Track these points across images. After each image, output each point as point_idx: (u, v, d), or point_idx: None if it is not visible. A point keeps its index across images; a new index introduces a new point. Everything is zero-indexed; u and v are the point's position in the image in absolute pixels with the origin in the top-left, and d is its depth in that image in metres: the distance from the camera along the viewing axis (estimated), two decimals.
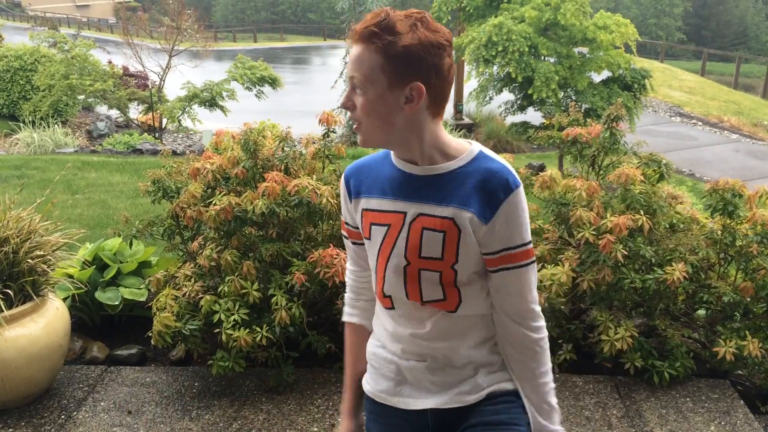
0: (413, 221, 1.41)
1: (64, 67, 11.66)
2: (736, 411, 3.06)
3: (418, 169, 1.41)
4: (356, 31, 1.33)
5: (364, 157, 1.55)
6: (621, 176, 3.24)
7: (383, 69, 1.31)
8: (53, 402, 3.09)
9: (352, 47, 1.36)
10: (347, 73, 1.37)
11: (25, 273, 2.97)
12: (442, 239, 1.39)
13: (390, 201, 1.44)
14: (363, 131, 1.39)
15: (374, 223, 1.46)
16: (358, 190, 1.50)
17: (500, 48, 10.96)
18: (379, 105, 1.34)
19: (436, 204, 1.39)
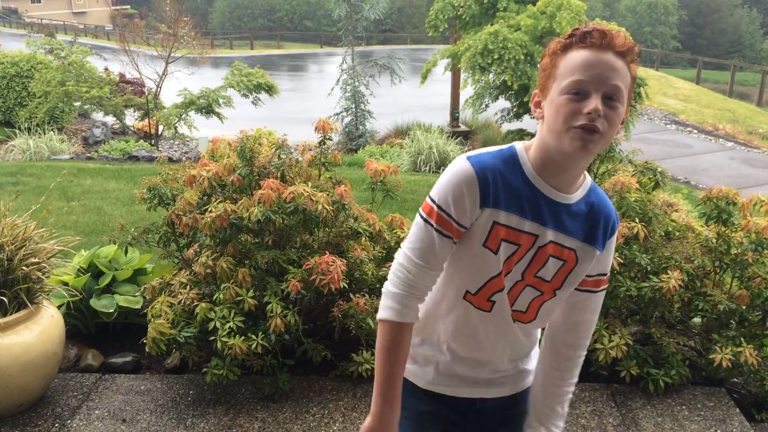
0: (543, 246, 1.44)
1: (61, 74, 11.66)
2: (732, 419, 3.06)
3: (557, 196, 1.42)
4: (614, 44, 1.31)
5: (489, 153, 1.44)
6: (617, 184, 3.25)
7: (629, 87, 1.35)
8: (47, 410, 3.08)
9: (604, 55, 1.31)
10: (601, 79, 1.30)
11: (19, 280, 2.96)
12: (560, 266, 1.47)
13: (528, 222, 1.42)
14: (601, 142, 1.33)
15: (505, 239, 1.43)
16: (497, 200, 1.40)
17: (496, 56, 10.99)
18: (621, 119, 1.35)
19: (566, 234, 1.45)
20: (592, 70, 1.29)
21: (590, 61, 1.30)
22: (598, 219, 1.47)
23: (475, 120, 14.47)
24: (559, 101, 1.31)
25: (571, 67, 1.31)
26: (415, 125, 13.45)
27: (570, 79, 1.30)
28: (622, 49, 1.31)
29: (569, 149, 1.31)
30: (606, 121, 1.30)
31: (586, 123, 1.28)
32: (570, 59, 1.32)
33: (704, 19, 52.80)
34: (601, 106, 1.28)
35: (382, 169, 3.41)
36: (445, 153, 11.03)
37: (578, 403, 3.16)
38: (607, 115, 1.30)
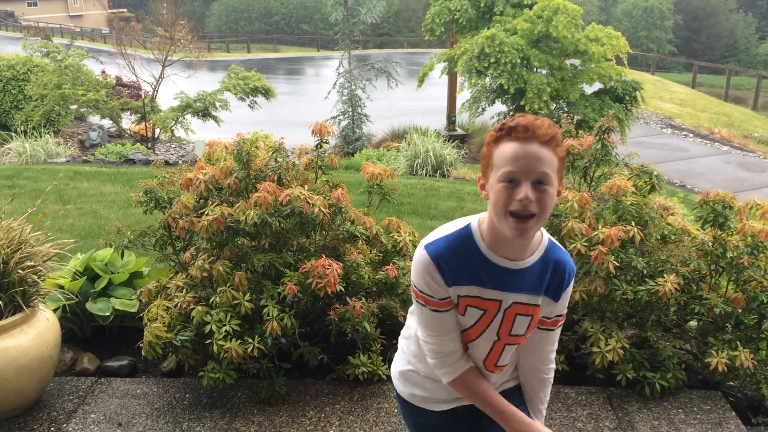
0: (508, 308, 1.65)
1: (57, 77, 11.65)
2: (728, 422, 3.07)
3: (513, 264, 1.61)
4: (537, 135, 1.48)
5: (444, 237, 1.63)
6: (613, 188, 3.25)
7: (557, 168, 1.51)
8: (43, 414, 3.06)
9: (530, 147, 1.47)
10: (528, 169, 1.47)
11: (15, 283, 2.95)
12: (529, 321, 1.68)
13: (488, 290, 1.63)
14: (537, 225, 1.50)
15: (471, 305, 1.65)
16: (456, 278, 1.61)
17: (492, 60, 11.02)
18: (554, 199, 1.52)
19: (528, 294, 1.64)
20: (520, 162, 1.47)
21: (518, 154, 1.47)
22: (555, 275, 1.66)
23: (471, 123, 14.49)
24: (497, 189, 1.50)
25: (503, 159, 1.49)
26: (412, 129, 13.45)
27: (503, 170, 1.49)
28: (545, 138, 1.48)
29: (509, 234, 1.51)
30: (538, 204, 1.48)
31: (519, 210, 1.47)
32: (501, 151, 1.50)
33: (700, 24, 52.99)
34: (531, 193, 1.47)
35: (378, 172, 3.41)
36: (441, 156, 11.03)
37: (575, 406, 3.16)
38: (539, 198, 1.48)
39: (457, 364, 1.73)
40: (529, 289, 1.64)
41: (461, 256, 1.61)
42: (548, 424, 3.01)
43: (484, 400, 1.75)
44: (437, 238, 1.64)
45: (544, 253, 1.65)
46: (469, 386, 1.75)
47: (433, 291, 1.64)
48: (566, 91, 11.17)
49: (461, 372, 1.73)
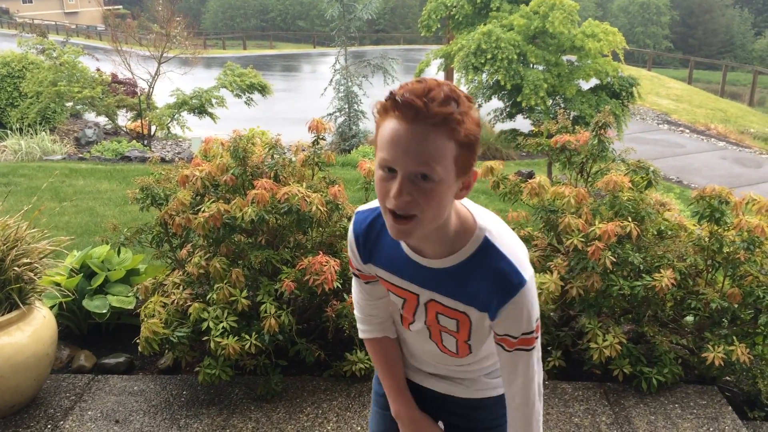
0: (427, 303, 1.45)
1: (53, 74, 11.60)
2: (725, 417, 3.08)
3: (427, 262, 1.37)
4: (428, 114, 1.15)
5: (372, 210, 1.45)
6: (609, 183, 3.26)
7: (456, 156, 1.19)
8: (40, 411, 3.06)
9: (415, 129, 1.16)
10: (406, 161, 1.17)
11: (11, 281, 2.95)
12: (456, 324, 1.45)
13: (403, 280, 1.45)
14: (419, 228, 1.23)
15: (391, 290, 1.52)
16: (370, 256, 1.48)
17: (489, 56, 11.00)
18: (445, 196, 1.22)
19: (447, 296, 1.39)
20: (398, 149, 1.17)
21: (395, 139, 1.17)
22: (490, 288, 1.33)
23: None
24: (377, 175, 1.23)
25: (382, 141, 1.20)
26: None
27: (380, 155, 1.21)
28: (437, 119, 1.15)
29: (392, 236, 1.27)
30: (420, 204, 1.19)
31: (394, 209, 1.20)
32: (384, 130, 1.20)
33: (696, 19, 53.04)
34: (407, 192, 1.18)
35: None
36: None
37: (571, 401, 3.17)
38: (419, 198, 1.18)
39: (374, 327, 1.65)
40: (450, 292, 1.38)
41: (379, 236, 1.43)
42: (545, 420, 3.01)
43: (384, 372, 1.67)
44: (368, 207, 1.47)
45: (473, 256, 1.33)
46: (377, 351, 1.67)
47: (353, 258, 1.54)
48: (563, 87, 11.17)
49: (375, 336, 1.66)
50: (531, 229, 3.56)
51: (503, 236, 1.35)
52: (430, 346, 1.58)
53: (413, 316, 1.51)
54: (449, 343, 1.53)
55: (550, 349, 3.38)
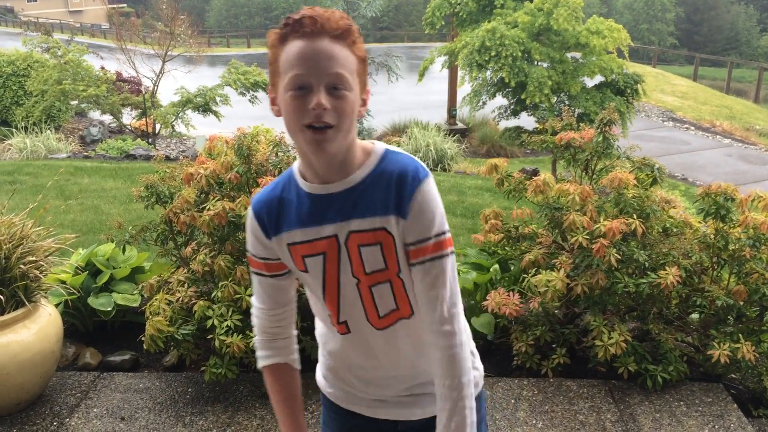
0: (347, 241, 1.35)
1: (57, 73, 11.63)
2: (730, 415, 3.07)
3: (333, 187, 1.34)
4: (327, 28, 1.23)
5: (264, 189, 1.44)
6: (614, 180, 3.25)
7: (357, 70, 1.28)
8: (45, 408, 3.07)
9: (319, 43, 1.23)
10: (319, 71, 1.23)
11: (17, 279, 2.96)
12: (380, 251, 1.34)
13: (315, 229, 1.36)
14: (339, 135, 1.26)
15: (306, 255, 1.39)
16: (277, 226, 1.40)
17: (493, 53, 10.99)
18: (355, 107, 1.28)
19: (361, 218, 1.33)
20: (309, 62, 1.22)
21: (305, 53, 1.22)
22: (397, 187, 1.32)
23: (472, 117, 14.47)
24: (286, 99, 1.25)
25: (289, 61, 1.24)
26: (413, 123, 13.45)
27: (289, 74, 1.24)
28: (337, 32, 1.23)
29: (307, 151, 1.28)
30: (336, 113, 1.24)
31: (312, 121, 1.23)
32: (287, 52, 1.24)
33: (701, 16, 52.86)
34: (326, 100, 1.22)
35: None
36: (442, 150, 11.03)
37: (576, 399, 3.17)
38: (336, 106, 1.24)
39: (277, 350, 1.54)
40: (362, 211, 1.33)
41: (283, 200, 1.39)
42: (550, 417, 3.01)
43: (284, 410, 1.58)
44: (267, 188, 1.45)
45: (376, 167, 1.34)
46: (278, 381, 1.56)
47: (255, 248, 1.44)
48: (567, 84, 11.15)
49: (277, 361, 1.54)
50: (535, 227, 3.55)
51: (399, 150, 1.38)
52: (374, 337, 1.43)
53: (338, 275, 1.38)
54: (386, 299, 1.39)
55: (555, 347, 3.37)
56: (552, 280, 3.09)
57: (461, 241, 5.52)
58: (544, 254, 3.34)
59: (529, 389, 3.23)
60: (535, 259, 3.29)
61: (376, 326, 1.42)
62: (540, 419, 3.01)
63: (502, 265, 3.80)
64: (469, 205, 7.02)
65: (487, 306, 3.26)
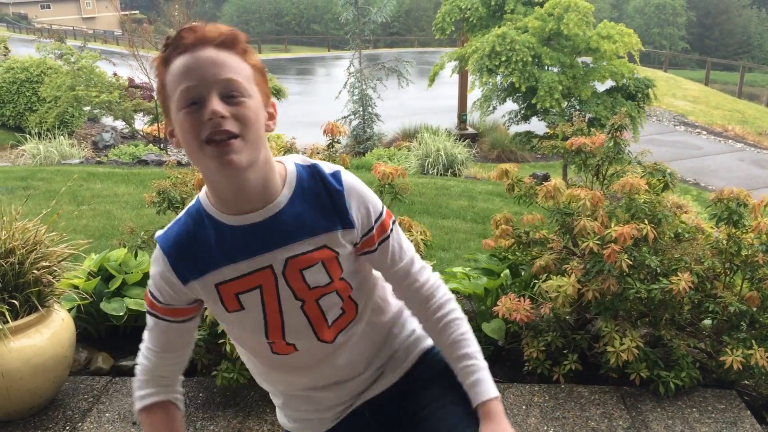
0: (285, 269, 1.27)
1: (71, 79, 11.75)
2: (743, 421, 3.05)
3: (257, 215, 1.24)
4: (208, 38, 1.15)
5: (176, 221, 1.31)
6: (625, 186, 3.24)
7: (255, 80, 1.19)
8: (58, 413, 3.09)
9: (203, 53, 1.14)
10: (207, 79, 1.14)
11: (30, 284, 2.98)
12: (323, 268, 1.29)
13: (245, 263, 1.26)
14: (247, 146, 1.14)
15: (240, 292, 1.28)
16: (197, 268, 1.27)
17: (504, 58, 10.99)
18: (259, 115, 1.18)
19: (298, 241, 1.26)
20: (195, 73, 1.13)
21: (190, 65, 1.14)
22: (318, 200, 1.27)
23: (482, 122, 14.48)
24: (180, 119, 1.14)
25: (175, 79, 1.15)
26: (423, 128, 13.47)
27: (178, 91, 1.14)
28: (220, 39, 1.15)
29: (215, 169, 1.15)
30: (237, 120, 1.13)
31: (212, 132, 1.11)
32: (172, 71, 1.15)
33: (713, 20, 52.61)
34: (221, 106, 1.12)
35: (390, 171, 3.41)
36: (452, 156, 11.03)
37: (588, 405, 3.15)
38: (236, 114, 1.13)
39: (161, 389, 1.43)
40: (299, 234, 1.25)
41: (198, 238, 1.26)
42: (561, 423, 3.00)
43: None
44: (169, 226, 1.31)
45: (297, 185, 1.26)
46: (162, 421, 1.42)
47: (162, 293, 1.31)
48: (578, 89, 11.13)
49: (160, 399, 1.43)
50: (546, 232, 3.55)
51: (306, 159, 1.32)
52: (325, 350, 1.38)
53: (279, 307, 1.30)
54: (333, 308, 1.34)
55: (566, 353, 3.36)
56: (563, 286, 3.08)
57: (471, 246, 5.51)
58: (555, 260, 3.33)
59: (541, 395, 3.22)
60: (546, 265, 3.29)
61: (327, 340, 1.37)
62: (551, 425, 3.00)
63: (512, 271, 3.80)
64: (479, 210, 7.01)
65: (498, 311, 3.25)
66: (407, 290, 1.41)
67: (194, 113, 1.13)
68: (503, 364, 3.48)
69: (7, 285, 2.94)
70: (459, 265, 4.33)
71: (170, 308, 1.34)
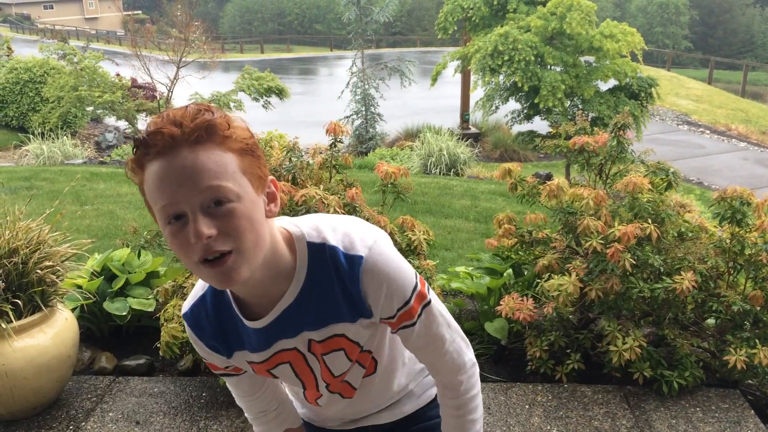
0: (309, 348, 1.26)
1: (74, 79, 11.76)
2: (747, 421, 3.04)
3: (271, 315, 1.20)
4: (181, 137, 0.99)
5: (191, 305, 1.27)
6: (628, 185, 3.23)
7: (243, 167, 1.05)
8: (62, 412, 3.10)
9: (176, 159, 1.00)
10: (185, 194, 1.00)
11: (34, 283, 2.99)
12: (344, 355, 1.27)
13: (269, 350, 1.25)
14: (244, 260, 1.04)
15: (271, 368, 1.30)
16: (229, 349, 1.28)
17: (506, 57, 10.98)
18: (254, 214, 1.05)
19: (314, 330, 1.22)
20: (170, 187, 0.99)
21: (162, 177, 1.00)
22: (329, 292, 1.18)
23: (485, 122, 14.47)
24: (167, 235, 1.04)
25: (151, 193, 1.02)
26: (425, 127, 13.48)
27: (158, 207, 1.02)
28: (193, 136, 0.99)
29: (216, 286, 1.08)
30: (228, 234, 1.01)
31: (202, 255, 1.01)
32: (147, 181, 1.02)
33: (716, 19, 52.51)
34: (207, 226, 0.99)
35: (392, 171, 3.41)
36: (455, 155, 11.03)
37: (591, 404, 3.15)
38: (224, 228, 1.01)
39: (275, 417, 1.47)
40: (313, 323, 1.21)
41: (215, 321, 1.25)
42: (564, 423, 3.00)
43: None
44: (190, 304, 1.27)
45: (309, 271, 1.16)
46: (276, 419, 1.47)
47: (217, 361, 1.33)
48: (581, 89, 11.11)
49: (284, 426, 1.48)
50: (549, 231, 3.54)
51: (321, 229, 1.17)
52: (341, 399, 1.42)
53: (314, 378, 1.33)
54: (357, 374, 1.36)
55: (569, 352, 3.36)
56: (564, 285, 3.08)
57: (474, 246, 5.51)
58: (558, 259, 3.33)
59: (544, 395, 3.22)
60: (549, 264, 3.28)
61: (350, 397, 1.41)
62: (554, 425, 3.00)
63: (515, 270, 3.79)
64: (482, 210, 7.01)
65: (501, 311, 3.25)
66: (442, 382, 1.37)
67: (179, 232, 1.02)
68: (506, 364, 3.48)
69: (11, 284, 2.94)
70: (462, 265, 4.33)
71: (233, 368, 1.36)
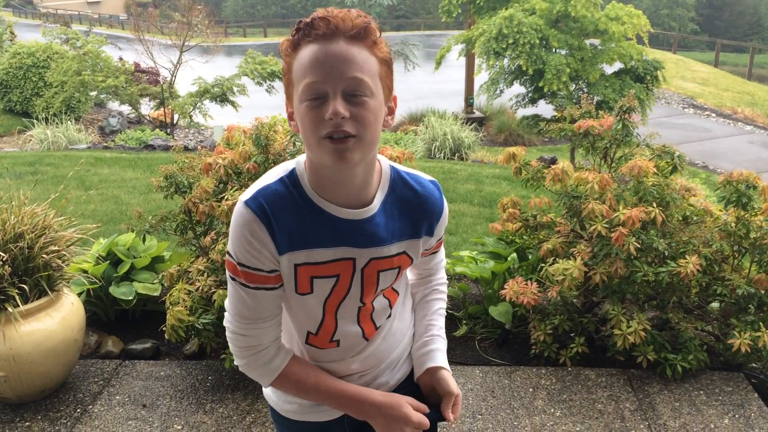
0: (366, 266, 1.29)
1: (77, 64, 11.73)
2: (750, 404, 3.05)
3: (356, 213, 1.25)
4: (341, 29, 1.13)
5: (267, 187, 1.25)
6: (634, 168, 3.22)
7: (378, 73, 1.18)
8: (69, 396, 3.12)
9: (334, 46, 1.13)
10: (334, 76, 1.13)
11: (40, 268, 3.00)
12: (397, 273, 1.36)
13: (333, 250, 1.26)
14: (361, 146, 1.16)
15: (317, 276, 1.28)
16: (290, 242, 1.24)
17: (511, 40, 10.90)
18: (379, 115, 1.19)
19: (385, 245, 1.29)
20: (323, 68, 1.12)
21: (319, 58, 1.12)
22: (418, 214, 1.34)
23: (489, 106, 14.39)
24: (302, 111, 1.15)
25: (302, 69, 1.14)
26: (430, 112, 13.42)
27: (303, 83, 1.14)
28: (353, 32, 1.13)
29: (329, 163, 1.16)
30: (356, 122, 1.13)
31: (331, 131, 1.12)
32: (300, 59, 1.15)
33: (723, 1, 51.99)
34: (344, 108, 1.12)
35: (396, 155, 3.41)
36: (459, 139, 10.99)
37: (595, 388, 3.16)
38: (356, 115, 1.13)
39: (276, 360, 1.34)
40: (386, 238, 1.29)
41: (292, 211, 1.23)
42: (568, 406, 3.01)
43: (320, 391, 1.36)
44: (260, 187, 1.24)
45: (390, 190, 1.30)
46: (297, 380, 1.36)
47: (261, 261, 1.24)
48: (586, 72, 11.03)
49: (283, 368, 1.34)
50: (554, 215, 3.54)
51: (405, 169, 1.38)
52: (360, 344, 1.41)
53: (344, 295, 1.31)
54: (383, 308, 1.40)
55: (573, 336, 3.37)
56: (569, 269, 3.08)
57: (479, 230, 5.51)
58: (563, 243, 3.32)
59: (548, 378, 3.23)
60: (554, 248, 3.28)
61: (368, 338, 1.40)
62: (558, 408, 3.01)
63: (520, 254, 3.79)
64: (486, 194, 7.00)
65: (505, 295, 3.26)
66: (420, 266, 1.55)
67: (316, 108, 1.13)
68: (510, 348, 3.49)
69: (17, 269, 2.96)
70: (466, 249, 4.33)
71: (269, 274, 1.26)
